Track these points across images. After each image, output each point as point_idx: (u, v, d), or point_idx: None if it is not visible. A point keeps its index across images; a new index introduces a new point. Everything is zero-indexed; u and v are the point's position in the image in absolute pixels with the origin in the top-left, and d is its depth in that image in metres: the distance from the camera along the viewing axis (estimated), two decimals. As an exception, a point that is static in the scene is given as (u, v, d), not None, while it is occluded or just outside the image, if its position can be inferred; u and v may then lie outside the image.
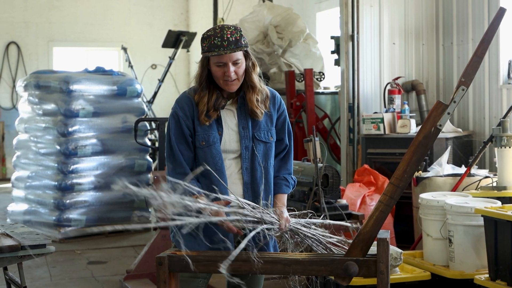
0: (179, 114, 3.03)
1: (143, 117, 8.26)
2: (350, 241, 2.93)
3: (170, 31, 11.62)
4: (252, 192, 3.05)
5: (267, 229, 2.82)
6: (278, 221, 2.88)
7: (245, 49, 2.98)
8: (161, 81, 11.85)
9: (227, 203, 2.85)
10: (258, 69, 3.07)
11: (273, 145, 3.11)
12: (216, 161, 2.98)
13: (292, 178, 3.19)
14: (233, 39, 2.93)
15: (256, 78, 3.04)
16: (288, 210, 3.08)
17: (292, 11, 8.73)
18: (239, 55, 2.96)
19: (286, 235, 2.96)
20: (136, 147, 8.08)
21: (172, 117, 3.05)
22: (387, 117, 6.53)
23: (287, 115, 3.19)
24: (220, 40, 2.91)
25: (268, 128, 3.10)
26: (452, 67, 6.97)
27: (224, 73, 2.95)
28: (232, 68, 2.94)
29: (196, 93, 3.03)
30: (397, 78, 6.91)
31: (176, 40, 11.53)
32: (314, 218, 3.04)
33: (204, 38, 2.97)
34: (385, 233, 2.63)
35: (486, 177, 5.37)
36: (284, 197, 3.14)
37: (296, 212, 3.04)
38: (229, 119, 3.07)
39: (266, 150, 3.08)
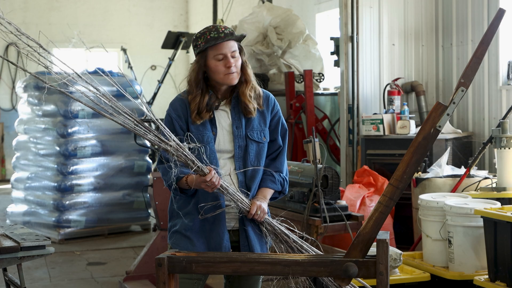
0: (172, 115, 3.07)
1: (142, 118, 8.25)
2: (319, 252, 3.00)
3: (169, 32, 11.60)
4: (246, 190, 3.06)
5: (237, 206, 2.94)
6: (249, 205, 2.97)
7: (239, 40, 3.04)
8: (160, 82, 11.84)
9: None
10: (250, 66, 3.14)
11: (265, 146, 3.13)
12: (211, 161, 2.98)
13: (280, 175, 3.15)
14: (228, 31, 3.01)
15: (251, 73, 3.09)
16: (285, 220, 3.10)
17: (291, 12, 8.72)
18: (236, 46, 3.02)
19: (264, 228, 3.03)
20: (136, 148, 8.07)
21: (166, 119, 3.08)
22: (387, 118, 6.53)
23: (282, 117, 3.20)
24: (216, 33, 2.98)
25: (261, 129, 3.11)
26: (451, 68, 6.97)
27: (225, 65, 2.99)
28: (231, 60, 2.98)
29: (189, 94, 3.07)
30: (396, 79, 6.91)
31: (175, 41, 11.52)
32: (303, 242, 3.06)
33: (198, 37, 3.03)
34: (385, 234, 2.63)
35: (486, 178, 5.36)
36: (267, 191, 3.10)
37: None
38: (223, 119, 3.09)
39: (259, 150, 3.10)
